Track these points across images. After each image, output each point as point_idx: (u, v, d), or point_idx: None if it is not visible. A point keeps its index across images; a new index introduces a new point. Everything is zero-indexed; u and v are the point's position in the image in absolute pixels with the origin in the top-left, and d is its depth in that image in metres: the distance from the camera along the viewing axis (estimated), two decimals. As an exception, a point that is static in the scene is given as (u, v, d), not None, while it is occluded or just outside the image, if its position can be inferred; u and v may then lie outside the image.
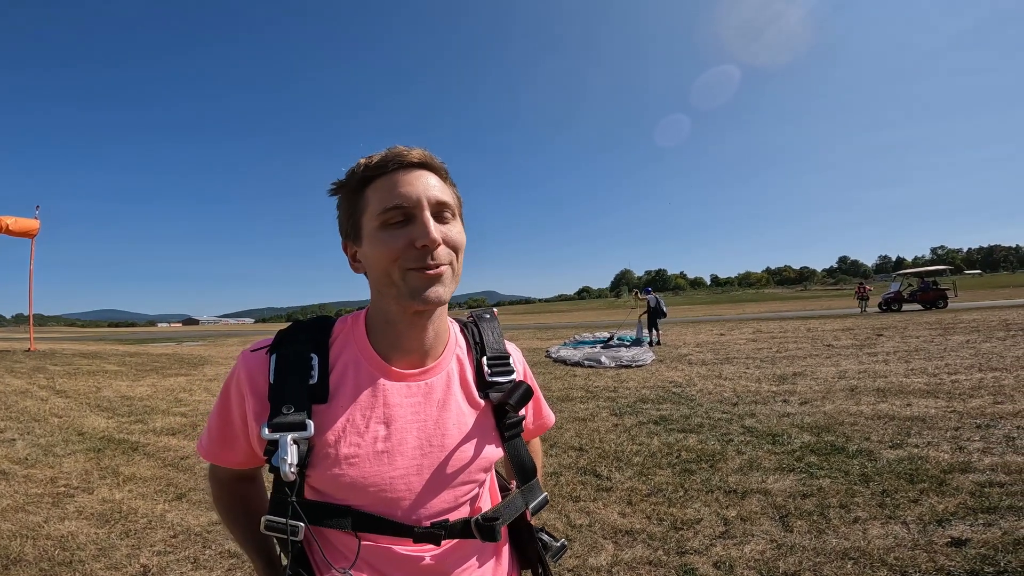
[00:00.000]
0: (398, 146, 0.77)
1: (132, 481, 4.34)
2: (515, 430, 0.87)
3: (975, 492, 3.25)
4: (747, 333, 16.12)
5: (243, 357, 0.80)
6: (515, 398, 0.84)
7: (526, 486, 0.89)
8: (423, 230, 0.72)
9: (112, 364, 14.08)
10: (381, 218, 0.74)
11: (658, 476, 3.93)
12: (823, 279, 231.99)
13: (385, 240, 0.74)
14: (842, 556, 2.61)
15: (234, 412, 0.80)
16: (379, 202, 0.74)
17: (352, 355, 0.80)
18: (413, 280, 0.73)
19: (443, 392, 0.82)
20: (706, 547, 2.81)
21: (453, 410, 0.82)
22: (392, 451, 0.76)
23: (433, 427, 0.80)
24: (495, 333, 0.93)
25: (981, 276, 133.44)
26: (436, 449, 0.79)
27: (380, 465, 0.75)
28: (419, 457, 0.78)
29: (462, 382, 0.85)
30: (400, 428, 0.77)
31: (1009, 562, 2.44)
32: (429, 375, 0.82)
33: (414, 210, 0.73)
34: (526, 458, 0.89)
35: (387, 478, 0.75)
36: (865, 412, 5.45)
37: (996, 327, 12.68)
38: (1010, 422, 4.71)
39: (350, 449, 0.74)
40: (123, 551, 3.07)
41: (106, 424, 6.60)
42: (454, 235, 0.77)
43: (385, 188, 0.75)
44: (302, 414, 0.73)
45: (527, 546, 0.93)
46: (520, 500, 0.88)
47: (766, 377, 8.02)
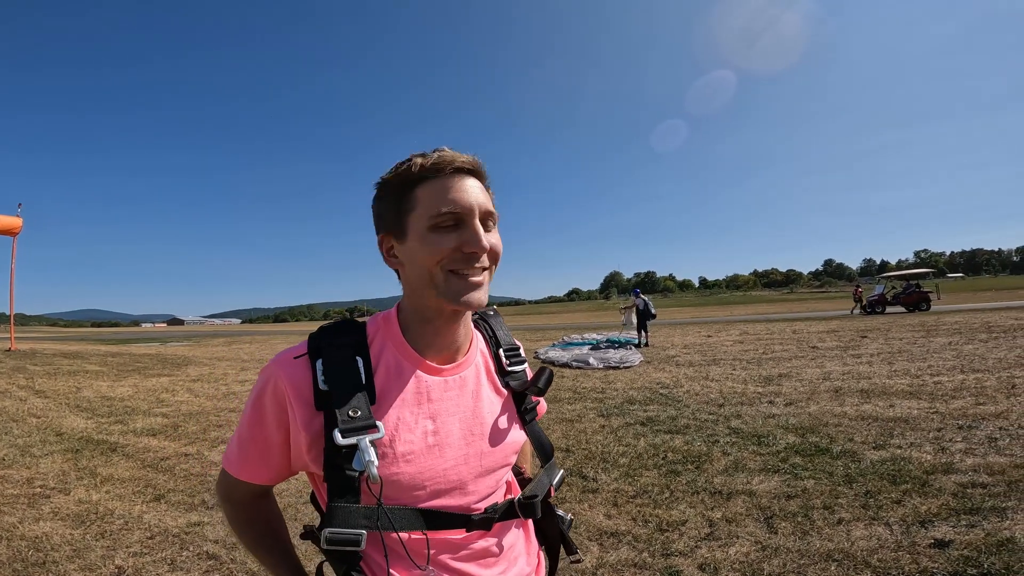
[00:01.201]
0: (447, 149, 0.78)
1: (110, 482, 4.26)
2: (533, 414, 0.95)
3: (957, 493, 3.27)
4: (734, 335, 16.23)
5: (280, 365, 0.76)
6: (542, 382, 0.91)
7: (548, 464, 0.97)
8: (475, 238, 0.75)
9: (93, 364, 13.85)
10: (434, 220, 0.75)
11: (644, 477, 3.92)
12: (809, 282, 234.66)
13: (435, 241, 0.75)
14: (826, 558, 2.61)
15: (270, 424, 0.77)
16: (432, 204, 0.75)
17: (392, 354, 0.81)
18: (455, 283, 0.76)
19: (475, 383, 0.87)
20: (691, 549, 2.80)
21: (486, 399, 0.87)
22: (441, 444, 0.79)
23: (472, 417, 0.84)
24: (503, 328, 0.99)
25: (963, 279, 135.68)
26: (477, 437, 0.84)
27: (433, 459, 0.78)
28: (464, 447, 0.82)
29: (487, 373, 0.91)
30: (445, 421, 0.81)
31: (992, 563, 2.45)
32: (461, 368, 0.86)
33: (466, 216, 0.76)
34: (544, 439, 0.98)
35: (440, 470, 0.78)
36: (849, 413, 5.49)
37: (978, 329, 12.87)
38: (992, 423, 4.76)
39: (405, 446, 0.76)
40: (98, 552, 3.01)
41: (85, 425, 6.49)
42: (498, 243, 0.81)
43: (438, 191, 0.76)
44: (369, 416, 0.73)
45: (546, 523, 0.98)
46: (546, 478, 0.95)
47: (752, 379, 8.07)
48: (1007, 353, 8.82)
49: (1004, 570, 2.39)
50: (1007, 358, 8.32)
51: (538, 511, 0.87)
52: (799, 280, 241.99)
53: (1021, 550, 2.53)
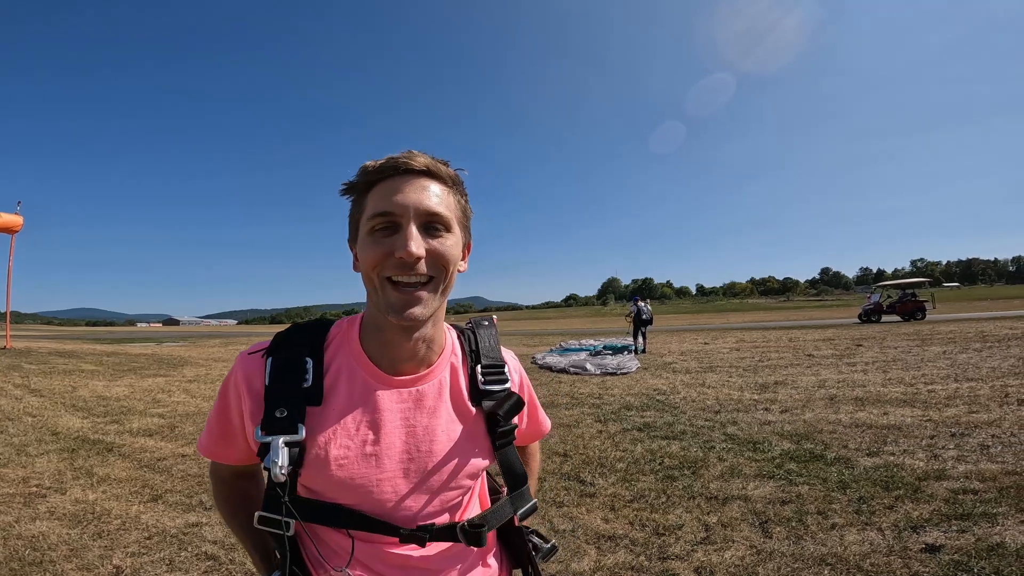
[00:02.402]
0: (409, 151, 0.77)
1: (106, 482, 4.25)
2: (506, 439, 0.87)
3: (949, 499, 3.31)
4: (730, 342, 16.29)
5: (241, 359, 0.82)
6: (504, 409, 0.86)
7: (515, 493, 0.91)
8: (403, 242, 0.72)
9: (89, 364, 13.80)
10: (370, 223, 0.75)
11: (641, 482, 3.95)
12: (805, 290, 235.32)
13: (370, 246, 0.74)
14: (820, 562, 2.64)
15: (232, 411, 0.82)
16: (372, 207, 0.75)
17: (346, 360, 0.81)
18: (391, 295, 0.74)
19: (434, 399, 0.83)
20: (687, 552, 2.82)
21: (443, 418, 0.83)
22: (380, 454, 0.78)
23: (422, 433, 0.81)
24: (492, 340, 0.93)
25: (959, 289, 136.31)
26: (424, 455, 0.80)
27: (367, 467, 0.77)
28: (406, 461, 0.79)
29: (454, 390, 0.86)
30: (388, 432, 0.79)
31: (982, 568, 2.49)
32: (421, 382, 0.83)
33: (400, 219, 0.73)
34: (517, 466, 0.90)
35: (374, 479, 0.77)
36: (843, 420, 5.53)
37: (972, 339, 12.96)
38: (984, 431, 4.81)
39: (339, 451, 0.76)
40: (95, 552, 3.01)
41: (81, 424, 6.47)
42: (443, 249, 0.75)
43: (381, 193, 0.75)
44: (294, 417, 0.74)
45: (517, 547, 0.95)
46: (509, 507, 0.90)
47: (748, 386, 8.11)
48: (1001, 362, 8.89)
49: (994, 574, 2.43)
50: (1001, 367, 8.39)
51: (483, 541, 0.81)
52: (796, 288, 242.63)
53: (1011, 555, 2.57)
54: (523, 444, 1.10)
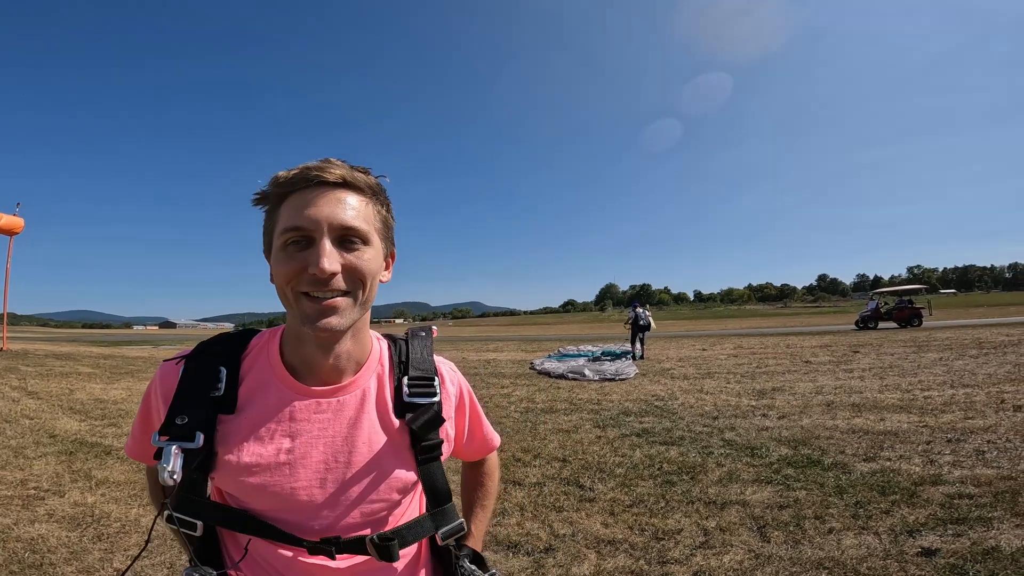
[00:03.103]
0: (326, 159, 0.76)
1: (105, 485, 4.25)
2: (430, 453, 0.84)
3: (945, 504, 3.34)
4: (728, 348, 16.32)
5: (161, 366, 0.83)
6: (419, 423, 0.82)
7: (437, 510, 0.86)
8: (315, 258, 0.70)
9: (86, 366, 13.77)
10: (283, 238, 0.73)
11: (640, 487, 3.97)
12: (803, 296, 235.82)
13: (283, 261, 0.73)
14: (817, 566, 2.66)
15: (152, 416, 0.83)
16: (284, 221, 0.73)
17: (262, 370, 0.81)
18: (305, 306, 0.73)
19: (355, 411, 0.81)
20: (686, 557, 2.84)
21: (365, 429, 0.81)
22: (294, 463, 0.77)
23: (341, 444, 0.79)
24: (424, 352, 0.90)
25: (956, 295, 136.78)
26: (342, 466, 0.79)
27: (281, 476, 0.76)
28: (323, 471, 0.78)
29: (379, 401, 0.84)
30: (305, 443, 0.78)
31: (977, 571, 2.52)
32: (341, 393, 0.81)
33: (313, 234, 0.72)
34: (439, 483, 0.86)
35: (288, 488, 0.77)
36: (840, 426, 5.56)
37: (969, 345, 13.02)
38: (980, 436, 4.85)
39: (251, 459, 0.76)
40: (95, 555, 3.01)
41: (78, 427, 6.46)
42: (360, 263, 0.74)
43: (293, 207, 0.73)
44: (194, 425, 0.74)
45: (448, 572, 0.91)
46: (429, 523, 0.86)
47: (746, 392, 8.13)
48: (997, 369, 8.94)
49: (989, 578, 2.46)
50: (997, 374, 8.44)
51: (395, 555, 0.78)
52: (793, 295, 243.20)
53: (1006, 558, 2.60)
54: (472, 459, 1.08)
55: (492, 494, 1.10)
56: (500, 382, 10.35)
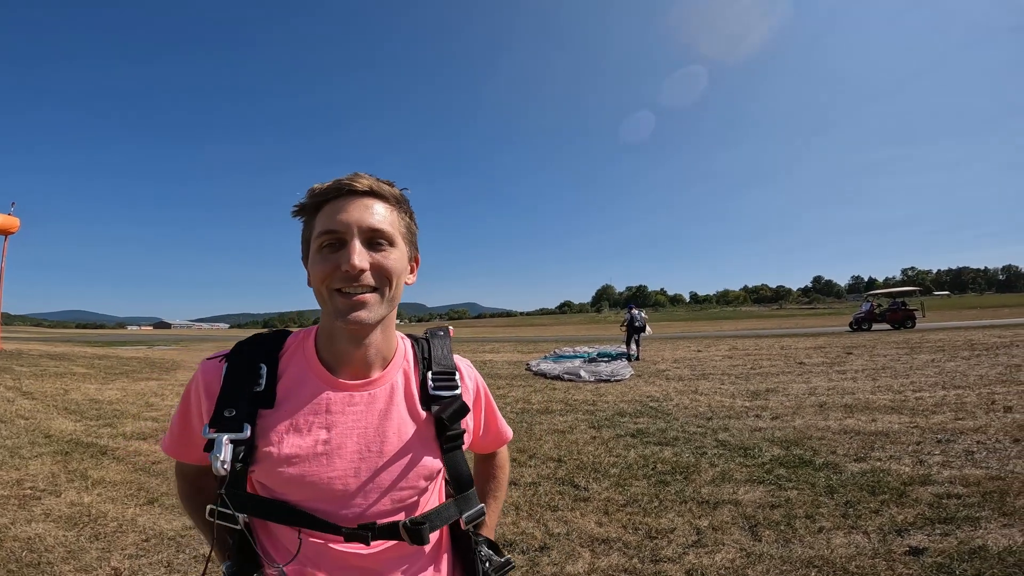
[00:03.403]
0: (355, 173, 0.84)
1: (101, 485, 4.26)
2: (454, 442, 0.92)
3: (933, 503, 3.39)
4: (723, 350, 16.39)
5: (202, 364, 0.89)
6: (448, 413, 0.89)
7: (460, 496, 0.94)
8: (347, 256, 0.79)
9: (80, 366, 13.73)
10: (318, 241, 0.82)
11: (634, 487, 4.01)
12: (798, 298, 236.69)
13: (319, 262, 0.82)
14: (807, 564, 2.70)
15: (192, 413, 0.89)
16: (319, 226, 0.83)
17: (300, 366, 0.88)
18: (338, 302, 0.81)
19: (385, 402, 0.88)
20: (679, 555, 2.88)
21: (395, 420, 0.88)
22: (331, 453, 0.83)
23: (373, 434, 0.86)
24: (444, 350, 0.98)
25: (949, 297, 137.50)
26: (375, 455, 0.85)
27: (319, 466, 0.82)
28: (357, 461, 0.84)
29: (406, 394, 0.91)
30: (340, 433, 0.84)
31: (964, 570, 2.56)
32: (372, 386, 0.88)
33: (344, 236, 0.81)
34: (463, 470, 0.94)
35: (325, 478, 0.82)
36: (832, 427, 5.61)
37: (961, 347, 13.12)
38: (970, 437, 4.91)
39: (291, 450, 0.81)
40: (93, 554, 3.03)
41: (74, 427, 6.46)
42: (386, 262, 0.83)
43: (327, 214, 0.82)
44: (242, 417, 0.80)
45: (469, 559, 0.97)
46: (453, 508, 0.93)
47: (740, 393, 8.19)
48: (988, 370, 9.02)
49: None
50: (988, 375, 8.52)
51: (425, 539, 0.85)
52: (788, 296, 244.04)
53: (992, 557, 2.64)
54: (486, 452, 1.16)
55: (503, 485, 1.19)
56: (496, 383, 10.38)
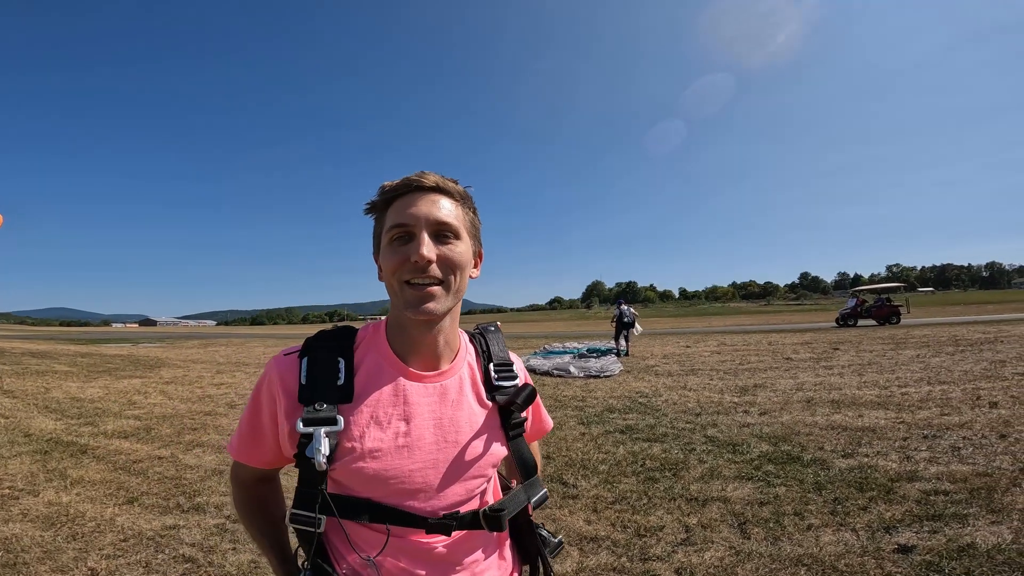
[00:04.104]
0: (421, 171, 0.87)
1: (80, 484, 4.18)
2: (518, 430, 0.97)
3: (921, 500, 3.40)
4: (712, 346, 16.49)
5: (275, 361, 0.88)
6: (521, 398, 0.94)
7: (528, 481, 0.98)
8: (416, 248, 0.81)
9: (62, 364, 13.51)
10: (389, 235, 0.85)
11: (623, 484, 3.99)
12: (785, 294, 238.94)
13: (390, 254, 0.84)
14: (796, 562, 2.69)
15: (264, 413, 0.88)
16: (390, 220, 0.86)
17: (375, 359, 0.89)
18: (408, 294, 0.83)
19: (456, 393, 0.91)
20: (668, 554, 2.86)
21: (466, 409, 0.91)
22: (412, 446, 0.84)
23: (448, 424, 0.88)
24: (499, 344, 1.02)
25: (933, 294, 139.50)
26: (451, 445, 0.87)
27: (400, 459, 0.83)
28: (435, 452, 0.86)
29: (473, 385, 0.94)
30: (418, 425, 0.86)
31: (953, 568, 2.55)
32: (444, 377, 0.90)
33: (414, 229, 0.83)
34: (528, 456, 0.98)
35: (406, 471, 0.83)
36: (820, 423, 5.64)
37: (945, 343, 13.28)
38: (956, 433, 4.94)
39: (373, 443, 0.82)
40: (70, 554, 2.97)
41: (54, 426, 6.35)
42: (452, 255, 0.84)
43: (398, 208, 0.85)
44: (333, 410, 0.81)
45: (527, 541, 1.01)
46: (523, 495, 0.96)
47: (728, 388, 8.22)
48: (973, 366, 9.13)
49: (965, 574, 2.50)
50: (973, 371, 8.62)
51: (504, 525, 0.88)
52: (776, 292, 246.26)
53: (981, 555, 2.64)
54: (529, 440, 1.15)
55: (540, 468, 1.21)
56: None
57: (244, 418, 0.91)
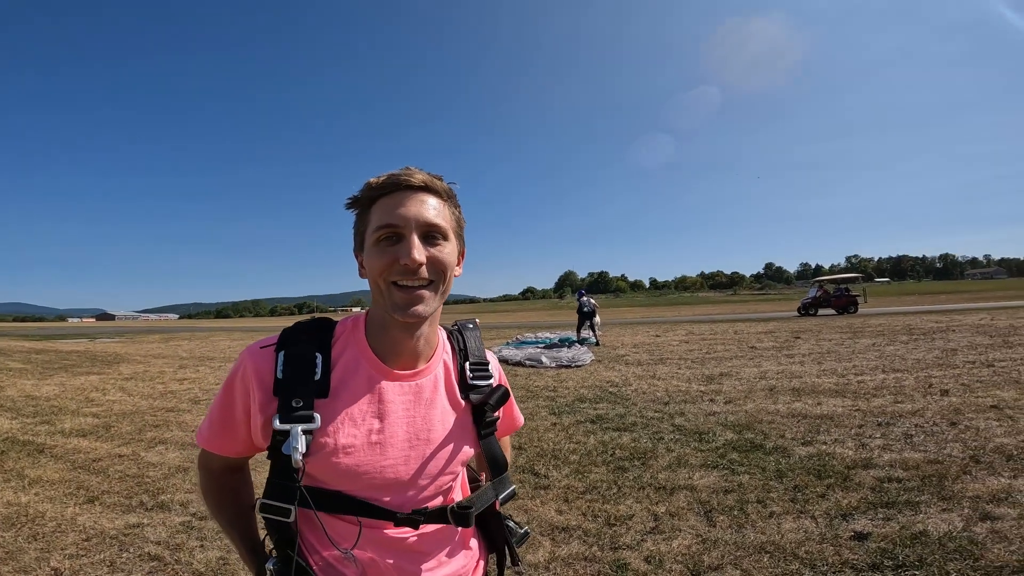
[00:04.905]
0: (408, 168, 0.85)
1: (39, 484, 4.06)
2: (490, 428, 0.98)
3: (875, 487, 3.55)
4: (681, 335, 16.82)
5: (250, 352, 0.87)
6: (494, 399, 0.96)
7: (497, 479, 1.00)
8: (407, 250, 0.80)
9: (16, 362, 12.97)
10: (376, 235, 0.83)
11: (593, 474, 4.06)
12: (751, 284, 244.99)
13: (377, 255, 0.83)
14: (759, 550, 2.79)
15: (237, 404, 0.87)
16: (377, 220, 0.84)
17: (353, 355, 0.88)
18: (396, 295, 0.82)
19: (431, 392, 0.92)
20: (637, 542, 2.93)
21: (439, 409, 0.92)
22: (384, 443, 0.85)
23: (421, 423, 0.89)
24: (476, 342, 1.03)
25: (889, 284, 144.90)
26: (423, 443, 0.89)
27: (373, 455, 0.84)
28: (407, 449, 0.87)
29: (447, 384, 0.95)
30: (392, 423, 0.87)
31: (907, 556, 2.65)
32: (419, 376, 0.91)
33: (403, 230, 0.82)
34: (498, 453, 1.00)
35: (378, 467, 0.85)
36: (781, 411, 5.83)
37: (900, 332, 13.85)
38: (908, 421, 5.18)
39: (347, 440, 0.83)
40: (32, 554, 2.90)
41: (9, 425, 6.11)
42: (441, 256, 0.84)
43: (385, 208, 0.83)
44: (310, 407, 0.81)
45: (495, 532, 1.04)
46: (491, 492, 0.99)
47: (696, 377, 8.42)
48: (925, 354, 9.55)
49: (918, 562, 2.59)
50: (925, 359, 9.02)
51: (471, 521, 0.91)
52: (742, 282, 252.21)
53: (933, 543, 2.75)
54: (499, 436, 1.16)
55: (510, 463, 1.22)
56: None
57: (215, 408, 0.90)
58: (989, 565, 2.53)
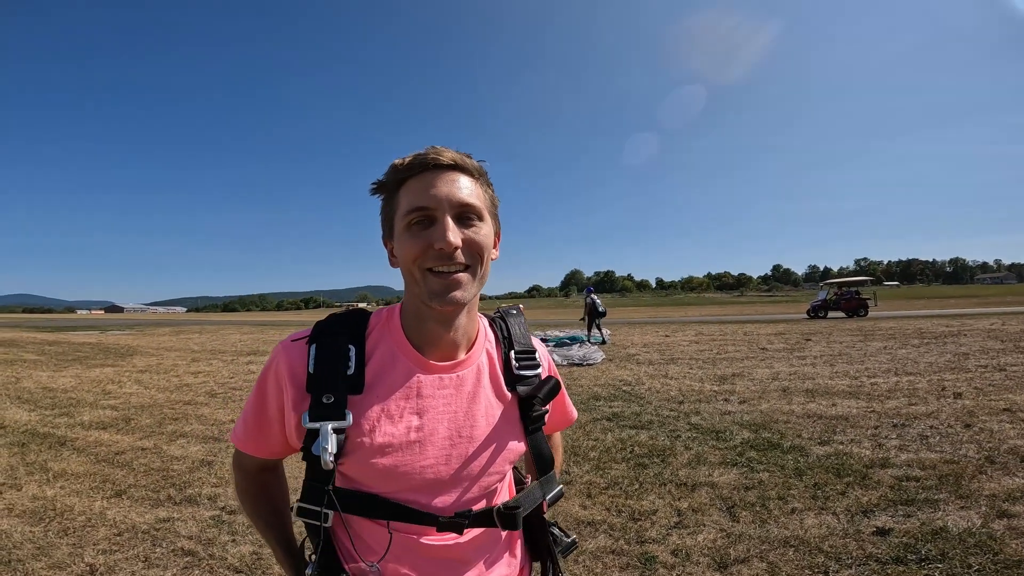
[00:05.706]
0: (434, 147, 0.79)
1: (63, 477, 4.10)
2: (538, 423, 0.90)
3: (894, 486, 3.57)
4: (690, 335, 16.79)
5: (282, 347, 0.81)
6: (544, 392, 0.89)
7: (544, 478, 0.93)
8: (441, 233, 0.74)
9: (30, 353, 13.11)
10: (406, 219, 0.77)
11: (614, 470, 4.09)
12: (758, 285, 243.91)
13: (408, 240, 0.76)
14: (784, 544, 2.82)
15: (270, 402, 0.81)
16: (406, 203, 0.77)
17: (388, 347, 0.82)
18: (432, 282, 0.76)
19: (473, 385, 0.85)
20: (663, 536, 2.97)
21: (482, 403, 0.85)
22: (424, 441, 0.78)
23: (463, 419, 0.82)
24: (521, 328, 0.95)
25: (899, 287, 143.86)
26: (465, 440, 0.81)
27: (412, 455, 0.77)
28: (448, 448, 0.80)
29: (491, 375, 0.88)
30: (432, 419, 0.80)
31: (928, 550, 2.70)
32: (460, 368, 0.84)
33: (436, 212, 0.75)
34: (545, 451, 0.93)
35: (418, 467, 0.78)
36: (796, 411, 5.84)
37: (911, 335, 13.80)
38: (923, 422, 5.18)
39: (384, 439, 0.76)
40: (64, 550, 2.92)
41: (29, 417, 6.19)
42: (477, 238, 0.78)
43: (414, 190, 0.77)
44: (342, 403, 0.75)
45: (539, 539, 0.96)
46: (538, 491, 0.91)
47: (708, 377, 8.42)
48: (937, 358, 9.51)
49: (940, 556, 2.64)
50: (937, 362, 8.98)
51: (518, 523, 0.83)
52: (749, 284, 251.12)
53: (954, 538, 2.80)
54: (549, 432, 1.10)
55: (560, 466, 1.14)
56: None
57: (249, 407, 0.85)
58: (1008, 559, 2.58)
